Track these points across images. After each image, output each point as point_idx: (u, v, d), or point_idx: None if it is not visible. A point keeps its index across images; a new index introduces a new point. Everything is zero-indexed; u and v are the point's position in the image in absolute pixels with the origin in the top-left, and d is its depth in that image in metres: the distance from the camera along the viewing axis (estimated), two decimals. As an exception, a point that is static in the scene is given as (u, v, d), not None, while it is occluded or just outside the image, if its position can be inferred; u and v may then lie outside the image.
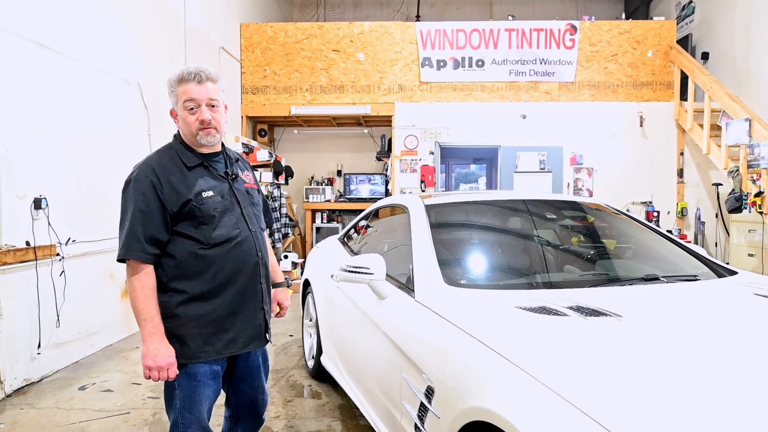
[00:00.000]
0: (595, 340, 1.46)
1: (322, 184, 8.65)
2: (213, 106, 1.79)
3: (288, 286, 2.15)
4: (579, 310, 1.69)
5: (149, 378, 1.68)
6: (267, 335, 1.93)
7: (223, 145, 1.91)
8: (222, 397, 2.09)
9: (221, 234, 1.77)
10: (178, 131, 1.86)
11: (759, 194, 5.60)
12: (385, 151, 8.38)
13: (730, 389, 1.19)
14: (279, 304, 2.13)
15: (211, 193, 1.77)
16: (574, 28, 7.60)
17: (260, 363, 2.02)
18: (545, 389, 1.24)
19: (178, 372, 1.72)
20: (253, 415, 2.05)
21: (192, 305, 1.74)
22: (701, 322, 1.65)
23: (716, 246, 7.37)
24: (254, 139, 8.22)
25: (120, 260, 1.71)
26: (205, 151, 1.84)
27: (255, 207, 1.96)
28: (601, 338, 1.47)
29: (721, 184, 7.20)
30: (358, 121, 8.46)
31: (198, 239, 1.74)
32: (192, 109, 1.76)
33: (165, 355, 1.67)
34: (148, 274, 1.69)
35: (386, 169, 8.35)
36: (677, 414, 1.09)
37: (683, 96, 7.45)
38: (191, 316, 1.74)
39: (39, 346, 3.61)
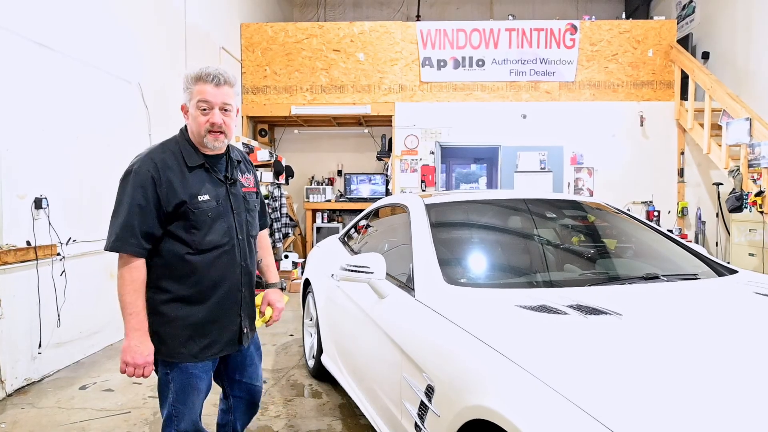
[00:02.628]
0: (595, 339, 1.46)
1: (322, 184, 8.65)
2: (226, 110, 1.78)
3: (282, 289, 2.12)
4: (579, 308, 1.69)
5: (124, 373, 1.69)
6: (243, 338, 1.91)
7: (228, 146, 1.90)
8: (218, 391, 2.11)
9: (211, 240, 1.77)
10: (185, 126, 1.86)
11: (759, 194, 5.60)
12: (385, 151, 8.38)
13: (731, 388, 1.19)
14: (270, 305, 2.10)
15: (207, 197, 1.77)
16: (575, 27, 7.59)
17: (253, 351, 2.04)
18: (545, 387, 1.24)
19: (153, 371, 1.74)
20: (249, 404, 2.09)
21: (175, 305, 1.76)
22: (701, 321, 1.66)
23: (717, 245, 7.36)
24: (255, 139, 8.22)
25: (110, 250, 1.70)
26: (208, 152, 1.83)
27: (249, 213, 1.95)
28: (601, 337, 1.47)
29: (721, 184, 7.19)
30: (359, 121, 8.46)
31: (187, 243, 1.75)
32: (204, 110, 1.75)
33: (144, 353, 1.68)
34: (138, 268, 1.69)
35: (387, 169, 8.35)
36: (676, 411, 1.09)
37: (684, 95, 7.44)
38: (173, 316, 1.76)
39: (40, 345, 3.61)
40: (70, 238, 3.92)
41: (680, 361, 1.32)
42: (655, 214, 7.41)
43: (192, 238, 1.74)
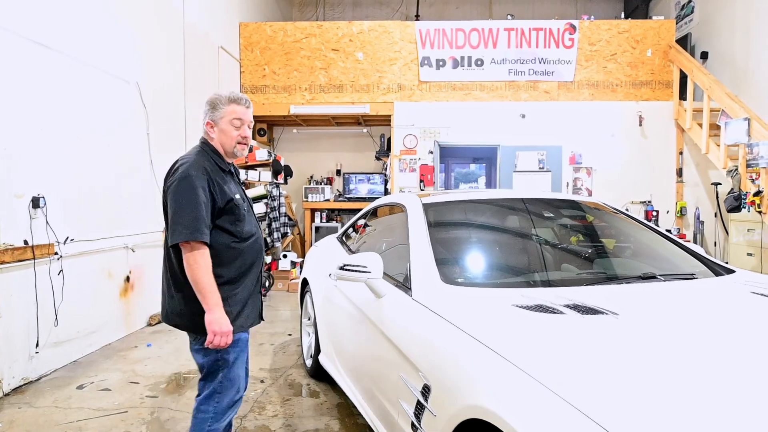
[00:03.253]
0: (590, 338, 1.46)
1: (321, 184, 8.65)
2: (248, 126, 2.17)
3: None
4: (576, 308, 1.69)
5: (210, 345, 1.94)
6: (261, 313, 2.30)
7: None
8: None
9: (248, 230, 2.13)
10: (206, 139, 2.14)
11: (758, 193, 5.60)
12: (384, 151, 8.37)
13: (726, 387, 1.19)
14: None
15: (238, 195, 2.12)
16: (574, 27, 7.59)
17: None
18: (541, 387, 1.24)
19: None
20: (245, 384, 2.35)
21: (225, 288, 2.03)
22: (697, 320, 1.65)
23: (715, 245, 7.37)
24: (253, 138, 8.21)
25: (173, 245, 1.94)
26: (229, 160, 2.18)
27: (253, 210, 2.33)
28: (597, 336, 1.47)
29: (720, 184, 7.20)
30: (358, 121, 8.46)
31: (233, 233, 2.07)
32: (237, 126, 2.11)
33: (228, 322, 1.97)
34: (207, 255, 1.96)
35: (385, 169, 8.35)
36: (672, 411, 1.09)
37: (682, 95, 7.44)
38: (225, 296, 2.01)
39: (37, 345, 3.61)
40: (67, 238, 3.91)
41: (676, 360, 1.32)
42: (654, 213, 7.41)
43: (236, 229, 2.07)
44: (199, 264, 1.92)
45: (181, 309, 2.02)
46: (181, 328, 2.08)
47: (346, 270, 2.28)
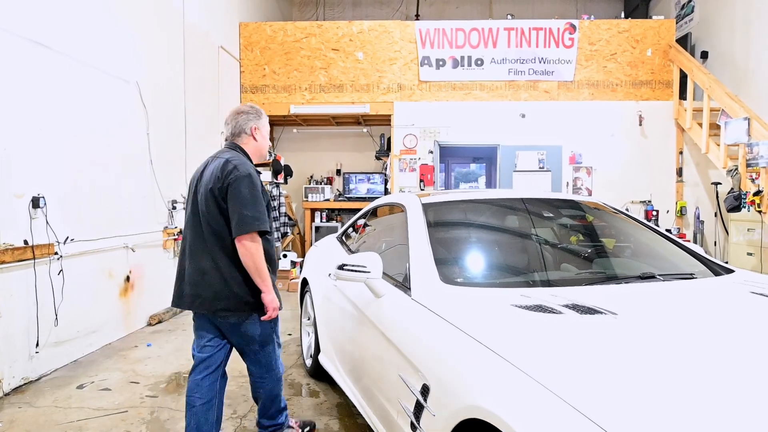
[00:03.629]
0: (589, 338, 1.46)
1: (321, 183, 8.65)
2: None
3: None
4: (574, 308, 1.69)
5: (271, 318, 2.31)
6: None
7: None
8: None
9: (271, 226, 2.41)
10: (236, 145, 2.44)
11: (758, 193, 5.60)
12: (384, 150, 8.37)
13: (725, 387, 1.19)
14: None
15: None
16: (573, 27, 7.59)
17: None
18: (539, 387, 1.24)
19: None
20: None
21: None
22: (697, 320, 1.66)
23: (715, 245, 7.37)
24: (253, 138, 8.20)
25: (258, 231, 2.23)
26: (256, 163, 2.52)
27: None
28: (596, 336, 1.47)
29: (720, 183, 7.20)
30: (358, 120, 8.46)
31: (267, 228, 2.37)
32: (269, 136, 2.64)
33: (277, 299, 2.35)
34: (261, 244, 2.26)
35: (385, 168, 8.35)
36: (671, 412, 1.09)
37: (682, 95, 7.44)
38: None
39: (37, 345, 3.61)
40: (67, 238, 3.92)
41: (674, 360, 1.32)
42: (654, 213, 7.42)
43: (269, 225, 2.35)
44: (259, 252, 2.23)
45: (235, 293, 2.26)
46: (227, 310, 2.28)
47: (345, 270, 2.28)
